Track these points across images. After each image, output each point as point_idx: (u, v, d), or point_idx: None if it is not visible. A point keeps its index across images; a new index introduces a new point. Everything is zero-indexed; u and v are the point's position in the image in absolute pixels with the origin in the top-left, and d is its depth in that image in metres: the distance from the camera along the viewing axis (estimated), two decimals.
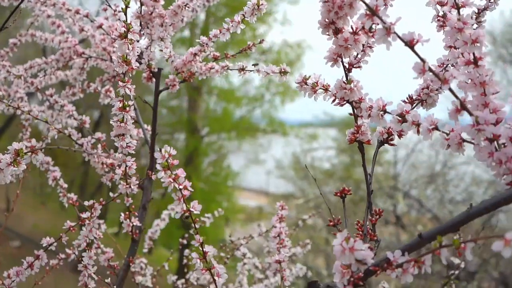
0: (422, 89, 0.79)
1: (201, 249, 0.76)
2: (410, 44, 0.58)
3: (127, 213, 1.08)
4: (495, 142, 0.60)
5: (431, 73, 0.59)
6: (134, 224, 1.09)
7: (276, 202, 1.11)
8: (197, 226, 0.76)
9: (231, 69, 1.09)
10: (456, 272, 1.25)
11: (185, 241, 1.67)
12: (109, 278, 1.06)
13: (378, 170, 9.05)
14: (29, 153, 0.76)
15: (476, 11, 0.84)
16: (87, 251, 1.05)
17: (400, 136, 0.77)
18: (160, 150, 0.70)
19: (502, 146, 0.61)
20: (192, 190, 0.73)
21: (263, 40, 1.13)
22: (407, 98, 0.80)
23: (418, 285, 6.66)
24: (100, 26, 1.16)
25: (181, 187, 0.72)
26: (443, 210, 6.62)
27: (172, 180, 0.71)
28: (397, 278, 0.59)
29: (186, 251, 1.50)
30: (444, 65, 0.79)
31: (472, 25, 0.83)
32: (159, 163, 0.70)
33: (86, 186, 10.81)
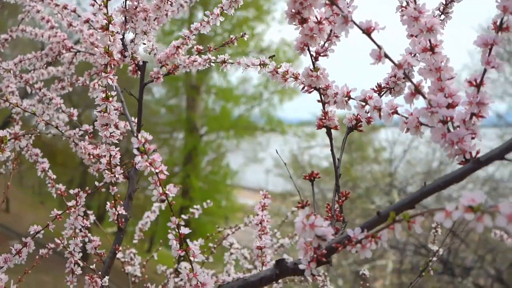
0: (390, 77, 0.82)
1: (177, 230, 0.79)
2: (367, 31, 0.61)
3: (112, 202, 1.11)
4: (449, 124, 0.63)
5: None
6: (120, 213, 1.12)
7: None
8: (172, 207, 0.79)
9: (213, 62, 1.12)
10: (434, 259, 1.29)
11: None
12: (94, 265, 1.09)
13: (375, 168, 9.08)
14: (13, 140, 0.80)
15: (444, 2, 0.87)
16: (73, 238, 1.08)
17: (368, 122, 0.81)
18: (137, 136, 0.74)
19: (457, 128, 0.64)
20: (168, 174, 0.76)
21: (245, 33, 1.16)
22: (376, 86, 0.83)
23: (414, 283, 6.69)
24: (87, 21, 1.19)
25: (157, 170, 0.75)
26: (439, 206, 6.67)
27: (148, 164, 0.74)
28: (357, 253, 0.62)
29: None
30: (412, 54, 0.82)
31: (440, 15, 0.87)
32: (136, 148, 0.73)
33: (85, 185, 10.83)
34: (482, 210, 0.46)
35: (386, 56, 0.62)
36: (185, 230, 0.79)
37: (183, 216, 1.54)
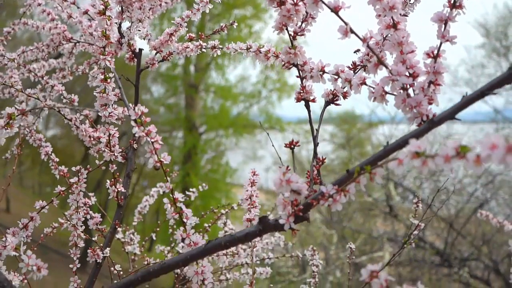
0: (364, 55, 0.90)
1: (171, 195, 0.86)
2: (335, 10, 0.69)
3: (112, 180, 1.19)
4: (410, 91, 0.71)
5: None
6: (119, 190, 1.20)
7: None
8: (168, 177, 0.87)
9: (204, 48, 1.20)
10: (416, 232, 1.37)
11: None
12: (96, 237, 1.17)
13: None
14: (20, 116, 0.88)
15: None
16: (76, 213, 1.16)
17: (344, 97, 0.89)
18: (134, 109, 0.82)
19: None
20: (162, 143, 0.84)
21: (234, 21, 1.24)
22: (351, 64, 0.91)
23: (412, 274, 6.79)
24: (86, 12, 1.27)
25: (153, 140, 0.83)
26: (436, 200, 6.75)
27: (144, 134, 0.82)
28: (329, 207, 0.70)
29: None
30: (384, 35, 0.90)
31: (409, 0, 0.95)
32: (133, 119, 0.81)
33: (86, 183, 10.89)
34: (426, 155, 0.54)
35: (352, 31, 0.70)
36: (179, 196, 0.86)
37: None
